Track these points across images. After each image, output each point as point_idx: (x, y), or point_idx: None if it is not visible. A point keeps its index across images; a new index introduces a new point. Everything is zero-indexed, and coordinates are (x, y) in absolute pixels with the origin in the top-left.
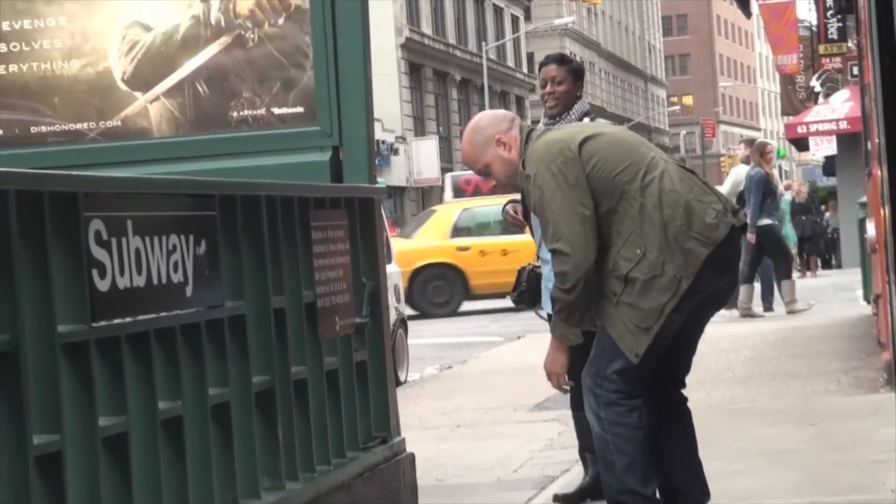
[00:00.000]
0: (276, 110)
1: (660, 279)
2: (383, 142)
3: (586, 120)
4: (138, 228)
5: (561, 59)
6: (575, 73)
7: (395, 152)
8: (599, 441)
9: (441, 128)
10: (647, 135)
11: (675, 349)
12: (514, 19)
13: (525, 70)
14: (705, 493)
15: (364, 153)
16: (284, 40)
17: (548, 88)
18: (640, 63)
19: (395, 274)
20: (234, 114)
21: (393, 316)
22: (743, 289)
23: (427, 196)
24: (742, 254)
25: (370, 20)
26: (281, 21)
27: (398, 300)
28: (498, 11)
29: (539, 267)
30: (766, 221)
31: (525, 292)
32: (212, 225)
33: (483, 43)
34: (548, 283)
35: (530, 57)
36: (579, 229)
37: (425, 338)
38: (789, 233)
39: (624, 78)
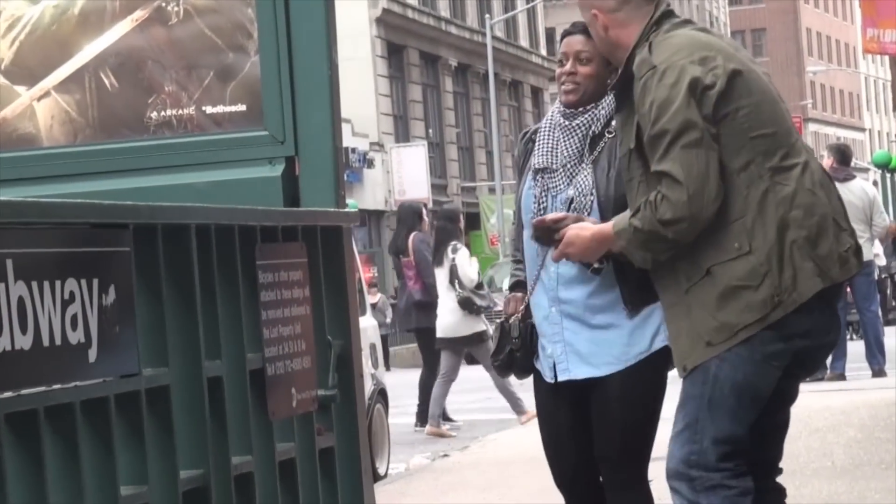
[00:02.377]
0: (208, 109)
1: (751, 294)
2: (354, 150)
3: (614, 124)
4: (22, 271)
5: (585, 26)
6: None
7: (370, 164)
8: None
9: (431, 130)
10: None
11: (765, 418)
12: None
13: (543, 52)
14: None
15: (328, 166)
16: (219, 14)
17: (568, 67)
18: None
19: (372, 329)
20: (153, 114)
21: (369, 387)
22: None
23: None
24: None
25: None
26: None
27: (376, 365)
28: None
29: (529, 318)
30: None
31: (516, 355)
32: (123, 265)
33: (486, 16)
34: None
35: (550, 34)
36: (702, 157)
37: (412, 412)
38: None
39: None
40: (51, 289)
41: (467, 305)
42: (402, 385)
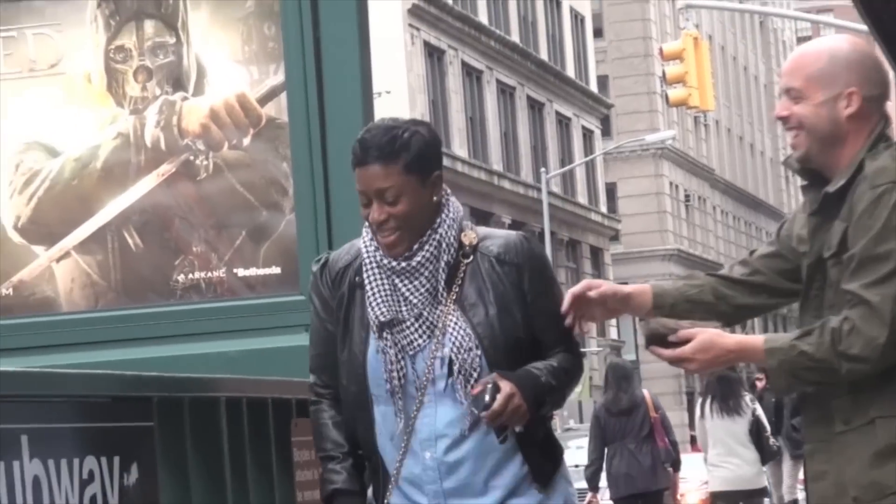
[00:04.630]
0: (240, 272)
1: None
2: None
3: (469, 231)
4: (37, 448)
5: (386, 150)
6: (418, 165)
7: None
8: None
9: None
10: None
11: None
12: (587, 135)
13: (603, 209)
14: None
15: None
16: (252, 169)
17: (375, 213)
18: (774, 198)
19: None
20: (180, 277)
21: None
22: None
23: None
24: None
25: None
26: (247, 141)
27: None
28: (563, 123)
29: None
30: None
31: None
32: (147, 441)
33: (542, 170)
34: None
35: (610, 190)
36: None
37: None
38: None
39: (749, 219)
40: (68, 467)
41: None
42: None
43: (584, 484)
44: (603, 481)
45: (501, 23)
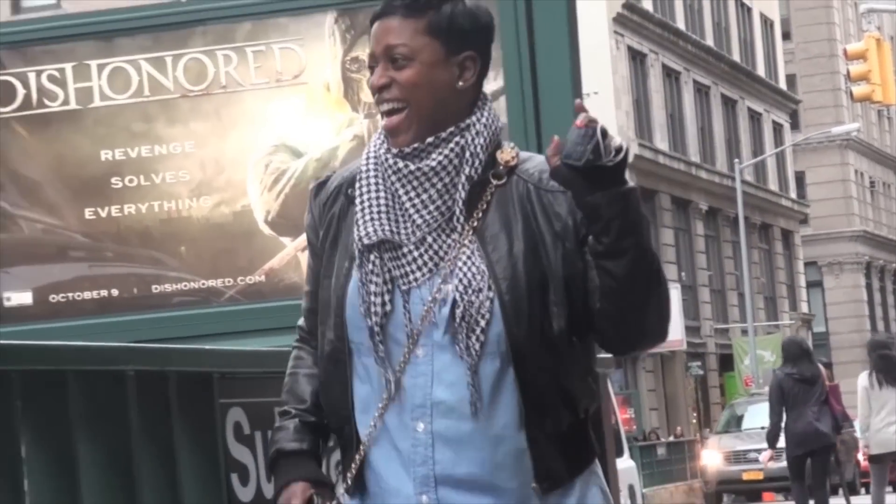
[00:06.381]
0: None
1: None
2: None
3: (508, 148)
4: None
5: (410, 2)
6: (446, 31)
7: None
8: None
9: (684, 273)
10: None
11: None
12: (777, 128)
13: (793, 195)
14: None
15: None
16: None
17: (376, 76)
18: None
19: (629, 471)
20: None
21: None
22: None
23: (667, 365)
24: None
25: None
26: None
27: None
28: (755, 118)
29: None
30: None
31: None
32: None
33: (736, 160)
34: None
35: (799, 178)
36: None
37: None
38: None
39: None
40: None
41: None
42: None
43: (762, 444)
44: (780, 441)
45: (697, 28)
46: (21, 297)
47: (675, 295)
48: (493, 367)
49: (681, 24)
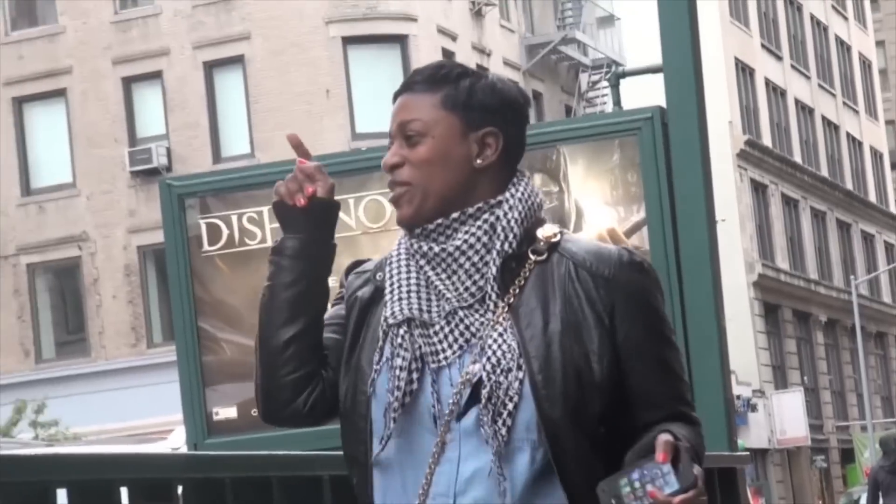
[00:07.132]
0: None
1: None
2: (739, 397)
3: (550, 226)
4: None
5: (428, 78)
6: (464, 105)
7: (754, 408)
8: None
9: (806, 378)
10: None
11: None
12: (889, 248)
13: None
14: None
15: (721, 414)
16: None
17: (387, 155)
18: None
19: None
20: None
21: None
22: None
23: (794, 459)
24: None
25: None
26: None
27: None
28: (868, 239)
29: None
30: None
31: None
32: None
33: (851, 277)
34: None
35: None
36: None
37: None
38: None
39: None
40: None
41: None
42: None
43: None
44: None
45: (813, 160)
46: (227, 412)
47: (798, 397)
48: (526, 454)
49: (797, 157)
